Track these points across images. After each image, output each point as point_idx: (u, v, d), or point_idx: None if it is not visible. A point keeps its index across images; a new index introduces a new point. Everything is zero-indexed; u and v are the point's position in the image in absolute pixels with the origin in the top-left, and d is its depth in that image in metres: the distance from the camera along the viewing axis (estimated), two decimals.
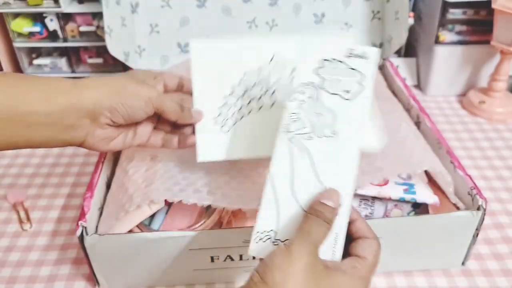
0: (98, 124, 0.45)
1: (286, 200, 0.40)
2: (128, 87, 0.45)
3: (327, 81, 0.43)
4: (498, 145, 0.79)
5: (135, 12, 0.85)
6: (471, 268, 0.57)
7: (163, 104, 0.47)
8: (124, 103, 0.44)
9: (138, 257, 0.52)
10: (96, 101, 0.43)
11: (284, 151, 0.41)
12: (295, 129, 0.42)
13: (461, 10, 0.86)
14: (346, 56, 0.43)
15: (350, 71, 0.43)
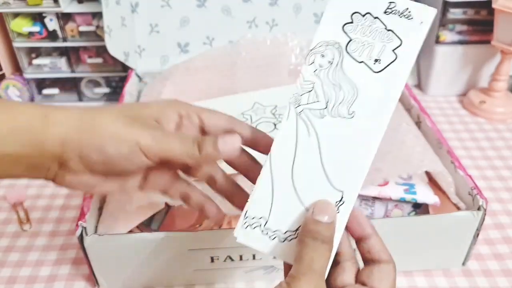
0: (68, 170, 0.34)
1: (283, 186, 0.34)
2: (108, 126, 0.33)
3: (355, 43, 0.34)
4: (499, 145, 0.79)
5: (135, 12, 0.84)
6: (471, 268, 0.57)
7: (169, 150, 0.34)
8: (98, 149, 0.32)
9: (138, 257, 0.52)
10: (63, 142, 0.32)
11: (290, 128, 0.34)
12: (307, 101, 0.34)
13: (462, 10, 0.86)
14: (384, 12, 0.34)
15: (387, 33, 0.34)
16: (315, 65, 0.35)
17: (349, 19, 0.34)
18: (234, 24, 0.86)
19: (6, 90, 0.90)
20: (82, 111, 0.34)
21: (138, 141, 0.33)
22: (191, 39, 0.86)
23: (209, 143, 0.34)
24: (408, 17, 0.34)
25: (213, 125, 0.37)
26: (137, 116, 0.34)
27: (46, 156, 0.33)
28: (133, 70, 0.84)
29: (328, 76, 0.34)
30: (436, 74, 0.91)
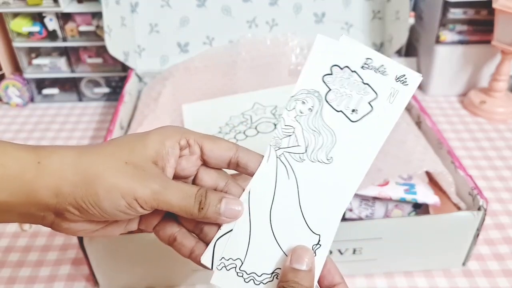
0: (65, 218, 0.32)
1: (260, 228, 0.34)
2: (104, 178, 0.31)
3: (333, 93, 0.35)
4: (499, 145, 0.79)
5: (135, 11, 0.84)
6: (471, 268, 0.57)
7: (167, 203, 0.32)
8: (94, 202, 0.31)
9: (138, 257, 0.52)
10: (57, 193, 0.30)
11: (270, 169, 0.35)
12: (286, 145, 0.35)
13: (462, 10, 0.85)
14: (361, 67, 0.35)
15: (363, 86, 0.35)
16: (296, 111, 0.36)
17: (329, 71, 0.36)
18: (234, 24, 0.85)
19: (6, 90, 0.90)
20: (77, 156, 0.31)
21: (136, 195, 0.31)
22: (191, 39, 0.86)
23: (212, 207, 0.33)
24: (383, 73, 0.35)
25: (215, 157, 0.36)
26: (136, 163, 0.32)
27: (39, 206, 0.31)
28: (133, 70, 0.84)
29: (308, 122, 0.35)
30: (436, 74, 0.90)
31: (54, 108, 0.92)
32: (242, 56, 0.80)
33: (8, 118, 0.89)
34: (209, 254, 0.35)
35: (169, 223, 0.36)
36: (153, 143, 0.33)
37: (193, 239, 0.35)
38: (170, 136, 0.34)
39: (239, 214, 0.34)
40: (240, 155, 0.36)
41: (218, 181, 0.36)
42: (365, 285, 0.56)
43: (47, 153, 0.31)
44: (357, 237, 0.52)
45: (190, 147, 0.35)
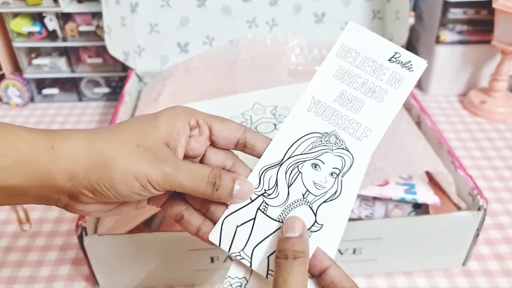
0: (79, 201, 0.33)
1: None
2: (116, 161, 0.31)
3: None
4: (499, 145, 0.79)
5: (135, 11, 0.84)
6: (471, 268, 0.57)
7: (179, 184, 0.33)
8: (109, 185, 0.31)
9: (138, 257, 0.52)
10: (71, 177, 0.31)
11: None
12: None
13: (462, 10, 0.85)
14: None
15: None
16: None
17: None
18: (234, 24, 0.85)
19: (6, 90, 0.90)
20: (89, 140, 0.32)
21: (149, 178, 0.32)
22: (191, 39, 0.86)
23: (225, 187, 0.34)
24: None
25: (223, 138, 0.36)
26: (147, 145, 0.33)
27: (54, 189, 0.32)
28: (133, 70, 0.84)
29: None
30: (436, 74, 0.90)
31: (54, 108, 0.92)
32: (242, 56, 0.80)
33: (8, 118, 0.89)
34: (217, 231, 0.35)
35: (177, 201, 0.36)
36: (164, 124, 0.34)
37: (200, 217, 0.36)
38: (180, 116, 0.34)
39: (250, 195, 0.35)
40: (248, 136, 0.36)
41: (225, 160, 0.37)
42: (365, 285, 0.56)
43: (60, 137, 0.32)
44: (357, 237, 0.52)
45: (200, 127, 0.36)
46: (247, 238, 0.35)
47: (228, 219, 0.35)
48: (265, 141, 0.37)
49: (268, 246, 0.34)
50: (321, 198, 0.35)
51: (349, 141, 0.35)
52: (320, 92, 0.37)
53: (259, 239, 0.35)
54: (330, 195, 0.35)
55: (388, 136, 0.61)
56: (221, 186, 0.34)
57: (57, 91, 0.93)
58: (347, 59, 0.37)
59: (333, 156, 0.35)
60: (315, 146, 0.36)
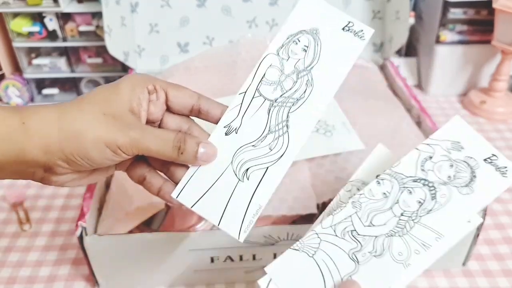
0: (54, 172, 0.34)
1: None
2: (87, 131, 0.33)
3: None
4: (499, 145, 0.79)
5: (135, 11, 0.84)
6: (471, 268, 0.57)
7: (146, 149, 0.35)
8: (83, 155, 0.33)
9: (138, 257, 0.52)
10: (46, 151, 0.33)
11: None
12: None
13: (462, 10, 0.86)
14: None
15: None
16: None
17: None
18: (234, 24, 0.86)
19: (6, 90, 0.90)
20: (59, 115, 0.33)
21: (118, 143, 0.34)
22: (191, 39, 0.86)
23: (190, 151, 0.36)
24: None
25: (179, 103, 0.38)
26: (113, 113, 0.35)
27: (29, 164, 0.33)
28: (133, 70, 0.84)
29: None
30: (436, 74, 0.91)
31: None
32: (242, 56, 0.80)
33: None
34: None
35: (140, 164, 0.38)
36: (125, 91, 0.36)
37: (161, 178, 0.38)
38: (138, 82, 0.36)
39: (214, 157, 0.37)
40: (202, 103, 0.38)
41: (181, 124, 0.39)
42: None
43: (30, 113, 0.33)
44: None
45: (157, 92, 0.38)
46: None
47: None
48: (219, 106, 0.38)
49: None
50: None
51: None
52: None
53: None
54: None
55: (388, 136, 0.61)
56: (186, 149, 0.35)
57: (57, 91, 0.93)
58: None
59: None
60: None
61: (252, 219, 0.36)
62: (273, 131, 0.37)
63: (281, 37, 0.39)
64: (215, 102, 0.39)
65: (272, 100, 0.38)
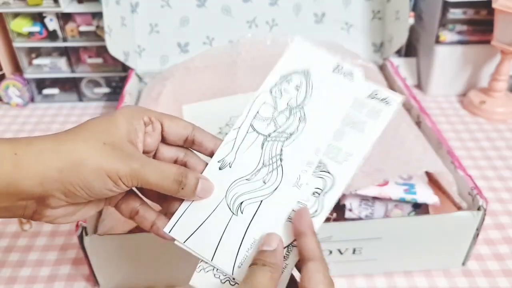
0: (48, 205, 0.33)
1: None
2: (89, 160, 0.32)
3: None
4: (499, 145, 0.79)
5: (135, 11, 0.84)
6: (471, 268, 0.57)
7: (146, 181, 0.34)
8: (83, 184, 0.32)
9: (138, 257, 0.52)
10: (42, 181, 0.31)
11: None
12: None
13: (462, 10, 0.86)
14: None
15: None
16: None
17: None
18: (234, 24, 0.86)
19: (6, 90, 0.90)
20: (56, 144, 0.32)
21: (119, 173, 0.33)
22: (191, 39, 0.86)
23: (189, 186, 0.36)
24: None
25: (174, 134, 0.38)
26: (113, 143, 0.34)
27: (21, 196, 0.32)
28: (133, 70, 0.84)
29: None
30: (436, 74, 0.91)
31: (54, 108, 0.92)
32: (242, 56, 0.80)
33: (9, 118, 0.89)
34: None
35: (132, 198, 0.38)
36: (122, 122, 0.35)
37: (154, 213, 0.38)
38: (134, 114, 0.36)
39: (210, 193, 0.37)
40: (196, 134, 0.38)
41: (177, 153, 0.39)
42: (365, 285, 0.56)
43: (23, 144, 0.32)
44: (357, 237, 0.52)
45: (152, 123, 0.37)
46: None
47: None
48: (212, 139, 0.39)
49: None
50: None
51: (330, 164, 0.38)
52: None
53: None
54: (311, 212, 0.36)
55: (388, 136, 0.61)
56: (186, 184, 0.35)
57: (57, 91, 0.93)
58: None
59: (315, 178, 0.37)
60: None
61: (246, 253, 0.36)
62: (267, 165, 0.38)
63: (274, 77, 0.41)
64: (209, 135, 0.39)
65: (265, 135, 0.39)
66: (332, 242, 0.52)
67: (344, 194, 0.54)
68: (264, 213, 0.36)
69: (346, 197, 0.55)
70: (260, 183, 0.37)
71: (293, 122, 0.39)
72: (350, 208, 0.56)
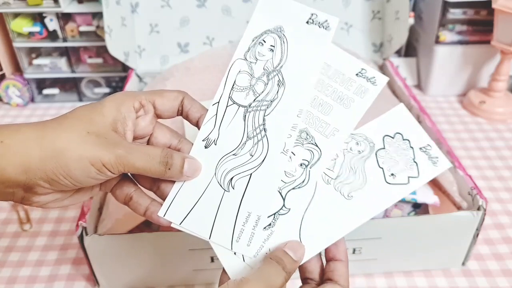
0: (35, 192, 0.33)
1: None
2: (70, 149, 0.32)
3: (384, 152, 0.40)
4: (499, 145, 0.79)
5: (135, 12, 0.84)
6: (471, 268, 0.57)
7: (132, 166, 0.34)
8: (66, 173, 0.32)
9: (138, 257, 0.52)
10: (25, 170, 0.31)
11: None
12: (324, 165, 0.39)
13: (462, 10, 0.86)
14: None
15: (406, 154, 0.41)
16: (347, 147, 0.40)
17: (390, 133, 0.41)
18: (234, 24, 0.86)
19: (6, 90, 0.90)
20: (40, 133, 0.32)
21: (103, 161, 0.33)
22: (191, 39, 0.86)
23: (176, 166, 0.36)
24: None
25: (167, 109, 0.38)
26: (97, 132, 0.34)
27: (8, 184, 0.32)
28: (133, 70, 0.84)
29: (352, 160, 0.39)
30: (436, 74, 0.91)
31: (55, 108, 0.92)
32: None
33: (9, 118, 0.89)
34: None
35: (126, 183, 0.38)
36: (110, 110, 0.35)
37: (148, 198, 0.38)
38: (124, 101, 0.36)
39: (198, 172, 0.37)
40: (185, 103, 0.38)
41: (172, 139, 0.39)
42: (365, 285, 0.56)
43: (9, 132, 0.32)
44: (357, 237, 0.52)
45: (144, 107, 0.37)
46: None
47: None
48: (199, 110, 0.38)
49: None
50: (290, 185, 0.38)
51: (318, 138, 0.38)
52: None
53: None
54: (298, 183, 0.38)
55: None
56: (172, 164, 0.35)
57: (58, 91, 0.93)
58: (321, 71, 0.39)
59: (303, 150, 0.38)
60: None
61: (242, 227, 0.36)
62: (252, 137, 0.37)
63: (246, 41, 0.39)
64: (197, 105, 0.39)
65: (246, 106, 0.38)
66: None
67: None
68: (255, 186, 0.37)
69: None
70: (247, 156, 0.37)
71: (272, 88, 0.38)
72: None
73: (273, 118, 0.37)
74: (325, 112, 0.39)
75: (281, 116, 0.37)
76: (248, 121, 0.38)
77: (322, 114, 0.39)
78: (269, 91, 0.38)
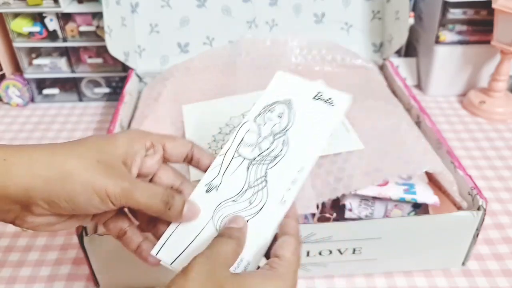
0: (31, 212, 0.33)
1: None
2: (77, 174, 0.32)
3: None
4: (499, 145, 0.79)
5: (135, 12, 0.85)
6: (471, 268, 0.57)
7: (135, 200, 0.34)
8: (69, 197, 0.32)
9: None
10: (28, 188, 0.32)
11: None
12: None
13: (462, 10, 0.86)
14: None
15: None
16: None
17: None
18: (234, 24, 0.86)
19: (6, 90, 0.90)
20: (50, 154, 0.33)
21: (108, 192, 0.33)
22: (191, 39, 0.86)
23: (176, 207, 0.36)
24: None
25: (175, 154, 0.40)
26: (107, 161, 0.34)
27: (6, 201, 0.32)
28: (133, 70, 0.84)
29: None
30: (436, 74, 0.91)
31: (55, 108, 0.92)
32: (242, 57, 0.80)
33: (9, 118, 0.89)
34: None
35: (121, 218, 0.39)
36: (123, 144, 0.36)
37: (141, 236, 0.39)
38: (137, 138, 0.38)
39: (196, 216, 0.38)
40: (195, 151, 0.40)
41: (175, 180, 0.40)
42: (364, 285, 0.56)
43: (13, 151, 0.32)
44: (357, 237, 0.52)
45: (154, 147, 0.39)
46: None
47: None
48: (209, 157, 0.41)
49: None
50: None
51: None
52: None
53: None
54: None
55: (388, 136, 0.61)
56: (173, 205, 0.36)
57: (58, 91, 0.93)
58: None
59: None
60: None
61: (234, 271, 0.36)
62: (253, 186, 0.39)
63: (258, 108, 0.43)
64: (206, 153, 0.41)
65: (250, 159, 0.40)
66: (332, 242, 0.52)
67: (344, 194, 0.54)
68: (250, 233, 0.37)
69: (346, 197, 0.56)
70: (246, 203, 0.38)
71: (277, 146, 0.41)
72: (350, 208, 0.56)
73: (275, 172, 0.39)
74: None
75: (283, 170, 0.39)
76: (251, 172, 0.39)
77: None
78: (273, 148, 0.41)
